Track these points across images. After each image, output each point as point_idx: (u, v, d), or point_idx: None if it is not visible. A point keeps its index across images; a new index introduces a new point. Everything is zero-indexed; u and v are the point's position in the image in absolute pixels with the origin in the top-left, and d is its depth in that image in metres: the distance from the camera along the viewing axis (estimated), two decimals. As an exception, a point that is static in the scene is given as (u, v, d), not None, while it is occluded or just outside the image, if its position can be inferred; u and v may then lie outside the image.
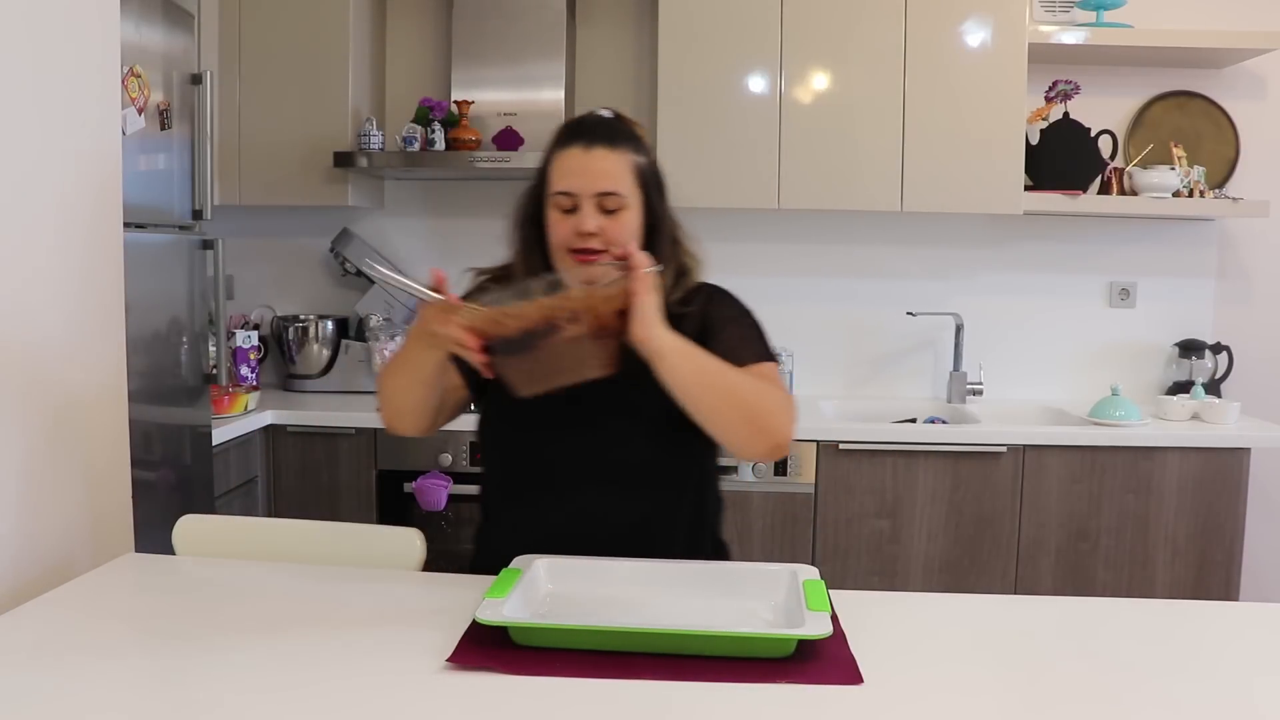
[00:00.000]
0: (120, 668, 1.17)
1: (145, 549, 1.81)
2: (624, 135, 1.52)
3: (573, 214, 1.48)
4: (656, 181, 1.54)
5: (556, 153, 1.51)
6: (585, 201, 1.47)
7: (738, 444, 1.44)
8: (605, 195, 1.47)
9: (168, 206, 2.46)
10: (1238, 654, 1.26)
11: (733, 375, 1.42)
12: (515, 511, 1.57)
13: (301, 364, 3.36)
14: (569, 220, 1.48)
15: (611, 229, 1.47)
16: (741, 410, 1.41)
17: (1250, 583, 3.05)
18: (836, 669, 1.15)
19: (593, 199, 1.47)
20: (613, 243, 1.47)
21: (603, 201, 1.47)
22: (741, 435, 1.42)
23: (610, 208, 1.47)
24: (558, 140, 1.53)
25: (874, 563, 2.91)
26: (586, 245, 1.47)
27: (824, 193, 3.09)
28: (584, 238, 1.47)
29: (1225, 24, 3.25)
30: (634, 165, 1.50)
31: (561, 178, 1.49)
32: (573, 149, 1.49)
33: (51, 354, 1.68)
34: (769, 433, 1.42)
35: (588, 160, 1.47)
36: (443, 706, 1.08)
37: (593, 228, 1.46)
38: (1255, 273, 3.42)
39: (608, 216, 1.47)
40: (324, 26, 3.15)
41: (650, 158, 1.54)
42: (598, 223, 1.46)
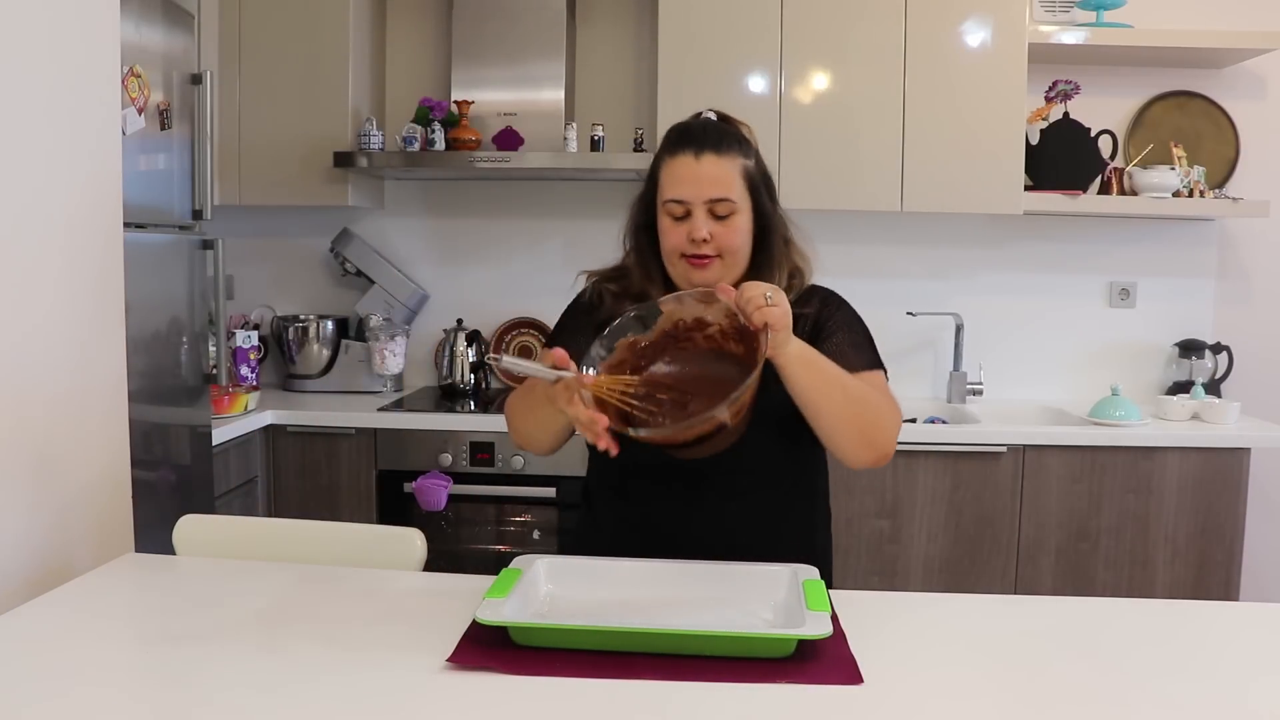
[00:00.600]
0: (120, 668, 1.17)
1: (145, 549, 1.81)
2: (731, 139, 1.53)
3: (684, 220, 1.50)
4: (766, 182, 1.56)
5: (666, 160, 1.53)
6: (697, 208, 1.49)
7: (847, 451, 1.47)
8: (716, 202, 1.49)
9: (168, 206, 2.46)
10: (1238, 654, 1.26)
11: (850, 384, 1.45)
12: (626, 508, 1.58)
13: (301, 364, 3.36)
14: (681, 227, 1.50)
15: (723, 235, 1.49)
16: (856, 419, 1.45)
17: (1250, 583, 3.05)
18: (836, 669, 1.15)
19: (704, 205, 1.49)
20: (725, 249, 1.50)
21: (714, 208, 1.49)
22: (853, 444, 1.46)
23: (721, 213, 1.49)
24: (666, 146, 1.54)
25: (874, 563, 2.91)
26: (699, 251, 1.49)
27: (824, 193, 3.09)
28: (697, 244, 1.49)
29: (1225, 24, 3.24)
30: (743, 169, 1.52)
31: (672, 185, 1.50)
32: (682, 156, 1.50)
33: (52, 354, 1.68)
34: (877, 445, 1.47)
35: (697, 167, 1.49)
36: (443, 706, 1.08)
37: (705, 234, 1.48)
38: (1255, 273, 3.42)
39: (719, 222, 1.49)
40: (324, 26, 3.15)
41: (758, 159, 1.57)
42: (710, 228, 1.49)
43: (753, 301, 1.31)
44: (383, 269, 3.40)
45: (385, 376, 3.34)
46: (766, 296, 1.31)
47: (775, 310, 1.31)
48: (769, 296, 1.31)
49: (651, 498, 1.55)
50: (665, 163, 1.53)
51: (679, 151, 1.51)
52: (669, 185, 1.51)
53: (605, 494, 1.63)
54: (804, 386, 1.40)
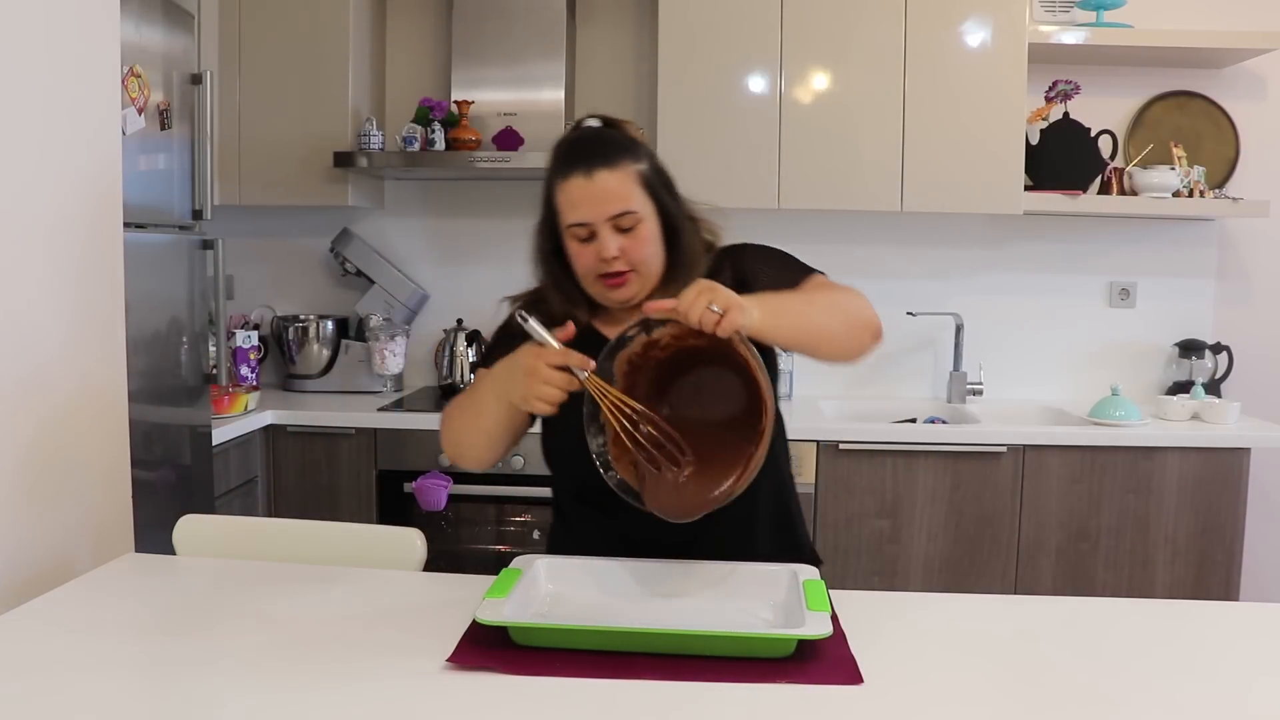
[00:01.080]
0: (120, 667, 1.17)
1: (145, 549, 1.82)
2: (618, 147, 1.48)
3: (591, 242, 1.46)
4: (663, 180, 1.53)
5: (558, 182, 1.47)
6: (600, 227, 1.45)
7: (849, 352, 1.48)
8: (618, 216, 1.45)
9: (168, 206, 2.46)
10: (1239, 655, 1.26)
11: (814, 299, 1.44)
12: (595, 518, 1.55)
13: (301, 364, 3.36)
14: (589, 248, 1.46)
15: (632, 248, 1.46)
16: (842, 324, 1.45)
17: (1250, 583, 3.05)
18: (836, 669, 1.15)
19: (607, 223, 1.45)
20: (636, 261, 1.47)
21: (618, 222, 1.45)
22: (850, 344, 1.47)
23: (626, 226, 1.46)
24: (556, 167, 1.49)
25: (874, 563, 2.91)
26: (613, 269, 1.46)
27: (824, 193, 3.09)
28: (609, 263, 1.46)
29: (1225, 24, 3.25)
30: (637, 176, 1.48)
31: (571, 209, 1.46)
32: (574, 177, 1.45)
33: (52, 354, 1.68)
34: (868, 326, 1.48)
35: (592, 186, 1.44)
36: (443, 706, 1.08)
37: (615, 251, 1.45)
38: (1255, 273, 3.42)
39: (625, 235, 1.46)
40: (324, 26, 3.15)
41: (651, 159, 1.52)
42: (618, 244, 1.45)
43: (705, 322, 1.26)
44: (383, 269, 3.40)
45: (385, 376, 3.34)
46: (711, 308, 1.26)
47: (730, 315, 1.26)
48: (712, 307, 1.26)
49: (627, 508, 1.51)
50: (558, 186, 1.47)
51: (570, 173, 1.46)
52: (567, 209, 1.46)
53: (576, 506, 1.60)
54: (786, 335, 1.38)
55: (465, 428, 1.51)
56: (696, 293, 1.27)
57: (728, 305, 1.26)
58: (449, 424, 1.54)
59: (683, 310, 1.27)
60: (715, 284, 1.28)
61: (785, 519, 1.63)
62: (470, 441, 1.51)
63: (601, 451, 1.37)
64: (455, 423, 1.53)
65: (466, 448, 1.52)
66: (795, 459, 2.88)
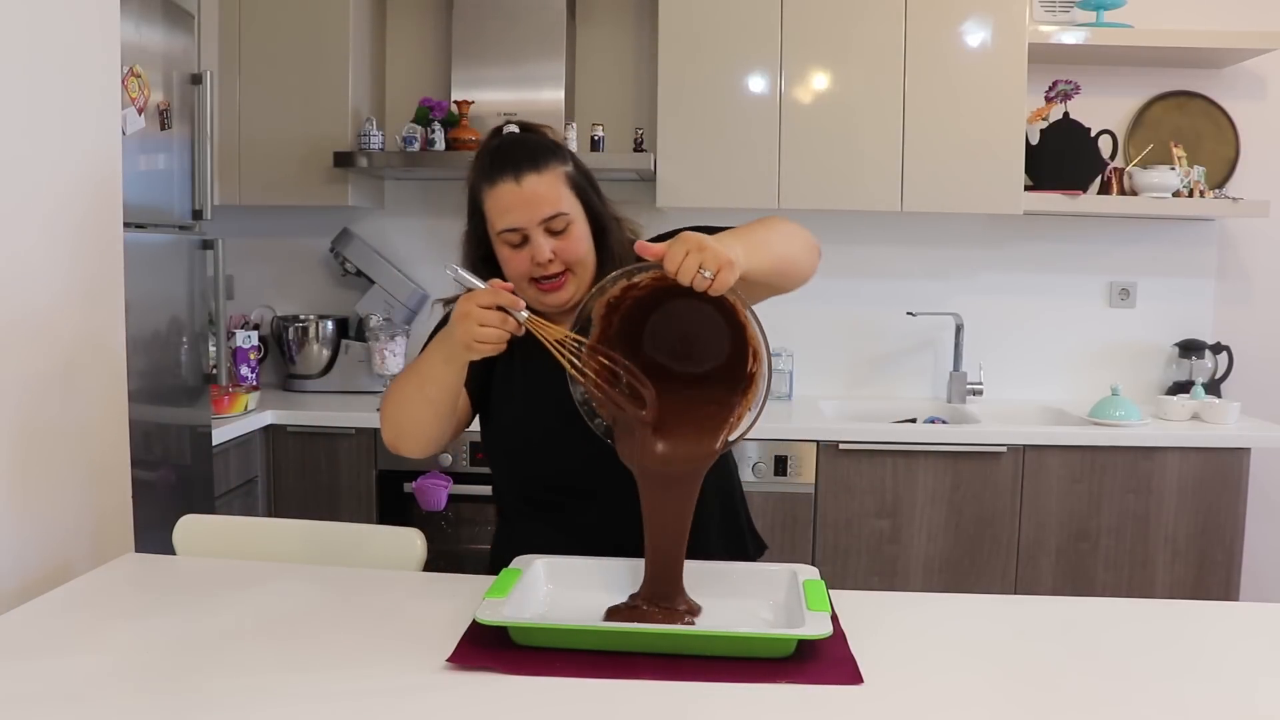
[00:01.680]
0: (120, 668, 1.17)
1: (145, 549, 1.81)
2: (544, 151, 1.48)
3: (523, 247, 1.46)
4: (589, 179, 1.52)
5: (486, 189, 1.47)
6: (533, 231, 1.44)
7: (807, 274, 1.49)
8: (550, 219, 1.45)
9: (168, 206, 2.46)
10: (1239, 655, 1.26)
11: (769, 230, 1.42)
12: (540, 518, 1.56)
13: (301, 364, 3.36)
14: (522, 253, 1.46)
15: (566, 249, 1.46)
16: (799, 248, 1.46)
17: (1250, 583, 3.05)
18: (836, 669, 1.15)
19: (539, 227, 1.44)
20: (571, 262, 1.46)
21: (549, 225, 1.45)
22: (807, 266, 1.48)
23: (558, 228, 1.45)
24: (482, 174, 1.48)
25: (874, 563, 2.91)
26: (547, 272, 1.46)
27: (824, 193, 3.09)
28: (543, 266, 1.45)
29: (1225, 24, 3.25)
30: (565, 178, 1.48)
31: (501, 215, 1.45)
32: (502, 184, 1.45)
33: (51, 353, 1.68)
34: (815, 247, 1.51)
35: (521, 191, 1.44)
36: (443, 706, 1.08)
37: (549, 254, 1.45)
38: (1255, 273, 3.42)
39: (558, 238, 1.46)
40: (324, 26, 3.15)
41: (575, 161, 1.52)
42: (551, 246, 1.45)
43: (697, 284, 1.20)
44: (383, 269, 3.40)
45: (385, 376, 3.34)
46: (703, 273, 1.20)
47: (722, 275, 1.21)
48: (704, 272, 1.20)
49: (569, 507, 1.51)
50: (486, 193, 1.47)
51: (498, 179, 1.45)
52: (497, 216, 1.46)
53: (524, 508, 1.59)
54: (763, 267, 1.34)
55: (407, 401, 1.46)
56: (685, 251, 1.21)
57: (719, 265, 1.20)
58: (389, 405, 1.49)
59: (671, 268, 1.21)
60: (702, 240, 1.22)
61: (730, 509, 1.64)
62: (413, 416, 1.46)
63: (585, 400, 1.34)
64: (395, 400, 1.48)
65: (409, 424, 1.47)
66: (795, 459, 2.88)
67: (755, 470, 2.88)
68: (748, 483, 2.85)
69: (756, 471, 2.88)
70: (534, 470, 1.56)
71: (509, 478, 1.62)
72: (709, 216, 1.61)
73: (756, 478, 2.88)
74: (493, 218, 1.47)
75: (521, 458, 1.57)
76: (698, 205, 3.09)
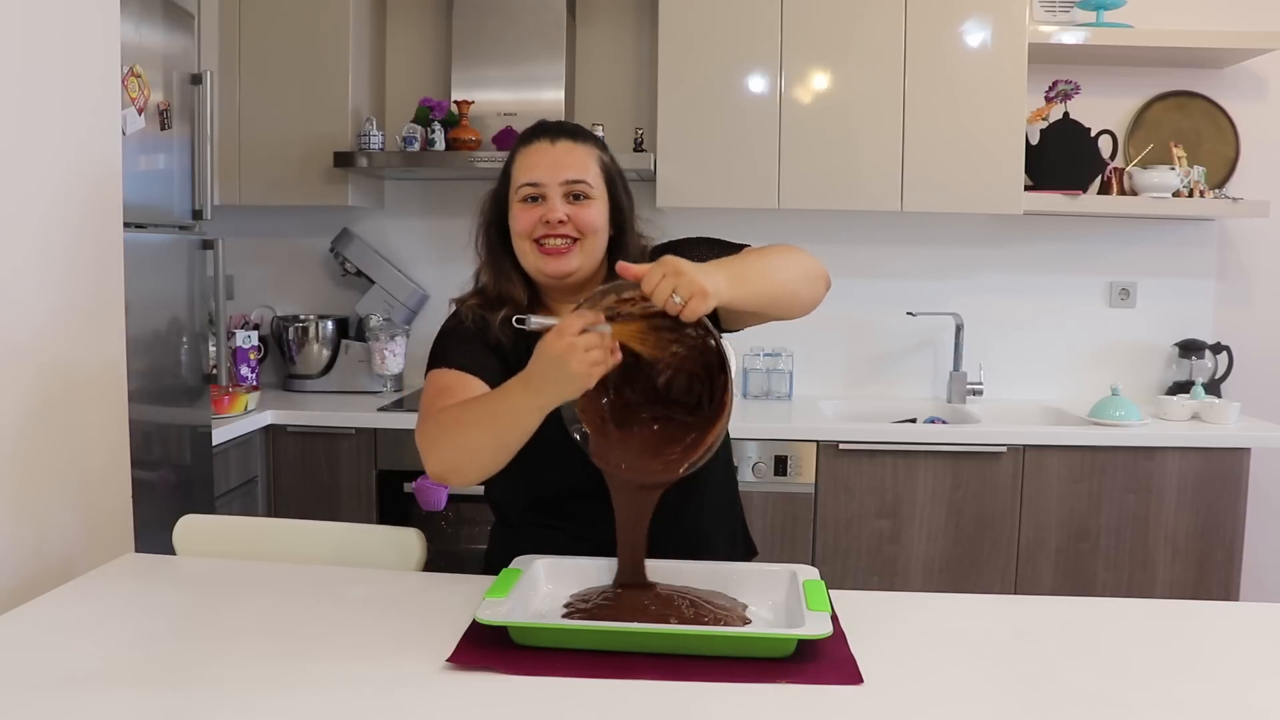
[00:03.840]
0: (120, 668, 1.17)
1: (145, 549, 1.81)
2: (587, 135, 1.51)
3: (538, 204, 1.44)
4: (623, 180, 1.52)
5: (520, 149, 1.48)
6: (552, 190, 1.43)
7: (809, 305, 1.45)
8: (572, 183, 1.43)
9: (168, 206, 2.46)
10: (1239, 655, 1.26)
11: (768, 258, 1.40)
12: (541, 523, 1.54)
13: (301, 364, 3.36)
14: (534, 209, 1.44)
15: (579, 215, 1.43)
16: (799, 277, 1.42)
17: (1250, 583, 3.05)
18: (836, 669, 1.15)
19: (559, 187, 1.43)
20: (584, 228, 1.43)
21: (570, 189, 1.43)
22: (809, 296, 1.44)
23: (577, 194, 1.44)
24: (521, 139, 1.50)
25: (874, 563, 2.91)
26: (555, 233, 1.43)
27: (824, 193, 3.09)
28: (552, 225, 1.42)
29: (1225, 24, 3.25)
30: (599, 160, 1.49)
31: (526, 171, 1.45)
32: (537, 143, 1.46)
33: (52, 354, 1.68)
34: (821, 276, 1.46)
35: (553, 151, 1.45)
36: (443, 706, 1.08)
37: (561, 215, 1.42)
38: (1255, 273, 3.42)
39: (575, 204, 1.44)
40: (324, 26, 3.15)
41: (613, 158, 1.52)
42: (566, 210, 1.43)
43: (669, 307, 1.20)
44: (383, 269, 3.40)
45: (385, 376, 3.34)
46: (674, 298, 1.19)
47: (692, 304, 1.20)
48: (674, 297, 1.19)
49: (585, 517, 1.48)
50: (520, 152, 1.48)
51: (534, 139, 1.47)
52: (523, 171, 1.45)
53: (527, 516, 1.56)
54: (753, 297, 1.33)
55: (478, 445, 1.33)
56: (661, 274, 1.20)
57: (691, 293, 1.19)
58: (449, 442, 1.35)
59: (647, 289, 1.21)
60: (680, 266, 1.21)
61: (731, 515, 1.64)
62: (485, 459, 1.34)
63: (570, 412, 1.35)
64: (463, 441, 1.34)
65: (474, 464, 1.35)
66: (795, 459, 2.88)
67: (755, 470, 2.88)
68: (748, 483, 2.87)
69: (756, 471, 2.88)
70: (541, 481, 1.53)
71: (514, 488, 1.57)
72: (709, 216, 1.62)
73: (756, 478, 2.88)
74: (517, 174, 1.46)
75: (531, 473, 1.52)
76: (698, 205, 3.09)
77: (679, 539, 1.49)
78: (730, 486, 1.65)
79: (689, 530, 1.53)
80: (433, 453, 1.36)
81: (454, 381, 1.44)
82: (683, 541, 1.49)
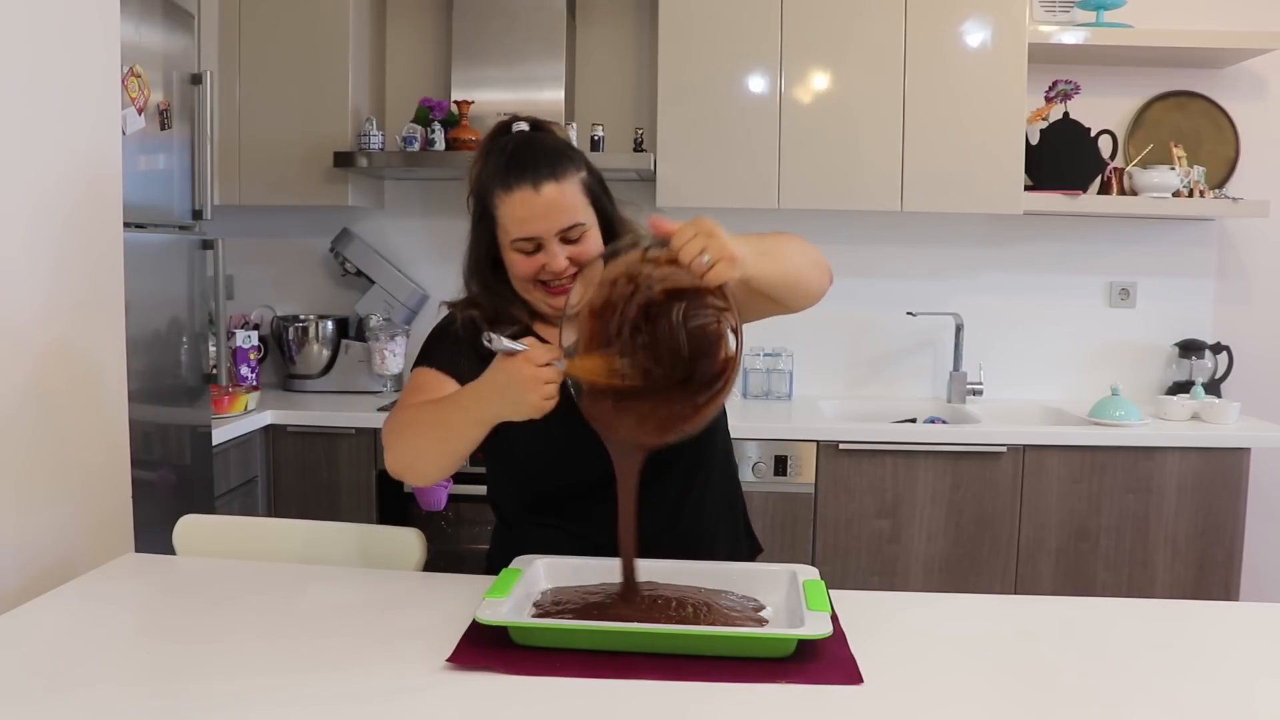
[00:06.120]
0: (120, 668, 1.17)
1: (145, 549, 1.81)
2: (561, 157, 1.43)
3: (536, 253, 1.42)
4: (601, 185, 1.48)
5: (501, 194, 1.41)
6: (549, 240, 1.41)
7: (816, 294, 1.47)
8: (567, 230, 1.41)
9: (168, 206, 2.46)
10: (1239, 655, 1.26)
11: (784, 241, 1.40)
12: (543, 523, 1.54)
13: (301, 364, 3.36)
14: (534, 259, 1.42)
15: (580, 253, 1.43)
16: (810, 264, 1.44)
17: (1250, 583, 3.05)
18: (836, 669, 1.15)
19: (556, 236, 1.41)
20: (585, 261, 1.43)
21: (566, 235, 1.41)
22: (817, 286, 1.46)
23: (574, 238, 1.42)
24: (498, 177, 1.42)
25: (874, 563, 2.91)
26: (561, 278, 1.43)
27: (824, 193, 3.09)
28: (557, 273, 1.42)
29: (1225, 24, 3.25)
30: (582, 185, 1.44)
31: (518, 224, 1.41)
32: (520, 191, 1.40)
33: (51, 354, 1.68)
34: (827, 269, 1.48)
35: (540, 200, 1.39)
36: (443, 706, 1.08)
37: (564, 265, 1.42)
38: (1255, 273, 3.42)
39: (573, 244, 1.42)
40: (324, 26, 3.15)
41: (587, 164, 1.47)
42: (566, 253, 1.42)
43: (695, 267, 1.19)
44: (383, 269, 3.40)
45: (385, 376, 3.34)
46: (702, 258, 1.18)
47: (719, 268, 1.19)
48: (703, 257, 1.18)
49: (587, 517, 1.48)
50: (501, 198, 1.41)
51: (514, 186, 1.40)
52: (514, 224, 1.41)
53: (527, 515, 1.56)
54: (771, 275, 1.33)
55: (427, 448, 1.40)
56: (694, 233, 1.20)
57: (719, 256, 1.19)
58: (403, 442, 1.41)
59: (676, 246, 1.20)
60: (714, 228, 1.21)
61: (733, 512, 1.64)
62: (432, 462, 1.41)
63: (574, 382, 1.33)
64: (414, 443, 1.41)
65: (424, 466, 1.42)
66: (795, 459, 2.88)
67: (755, 470, 2.88)
68: (748, 483, 2.86)
69: (756, 471, 2.88)
70: (543, 483, 1.54)
71: (515, 489, 1.59)
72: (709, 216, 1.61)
73: (756, 478, 2.88)
74: (508, 225, 1.42)
75: (532, 472, 1.54)
76: (698, 205, 3.09)
77: (679, 536, 1.49)
78: (731, 485, 1.65)
79: (688, 528, 1.54)
80: (391, 450, 1.43)
81: (430, 381, 1.48)
82: (683, 539, 1.50)
